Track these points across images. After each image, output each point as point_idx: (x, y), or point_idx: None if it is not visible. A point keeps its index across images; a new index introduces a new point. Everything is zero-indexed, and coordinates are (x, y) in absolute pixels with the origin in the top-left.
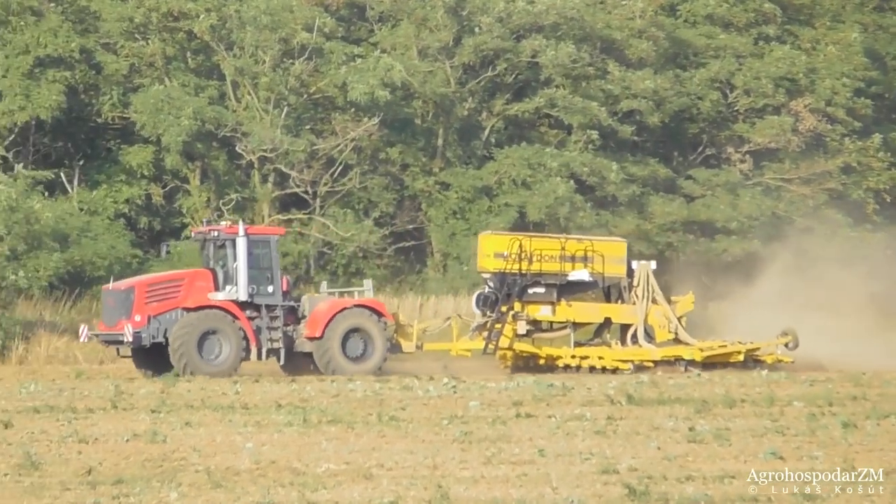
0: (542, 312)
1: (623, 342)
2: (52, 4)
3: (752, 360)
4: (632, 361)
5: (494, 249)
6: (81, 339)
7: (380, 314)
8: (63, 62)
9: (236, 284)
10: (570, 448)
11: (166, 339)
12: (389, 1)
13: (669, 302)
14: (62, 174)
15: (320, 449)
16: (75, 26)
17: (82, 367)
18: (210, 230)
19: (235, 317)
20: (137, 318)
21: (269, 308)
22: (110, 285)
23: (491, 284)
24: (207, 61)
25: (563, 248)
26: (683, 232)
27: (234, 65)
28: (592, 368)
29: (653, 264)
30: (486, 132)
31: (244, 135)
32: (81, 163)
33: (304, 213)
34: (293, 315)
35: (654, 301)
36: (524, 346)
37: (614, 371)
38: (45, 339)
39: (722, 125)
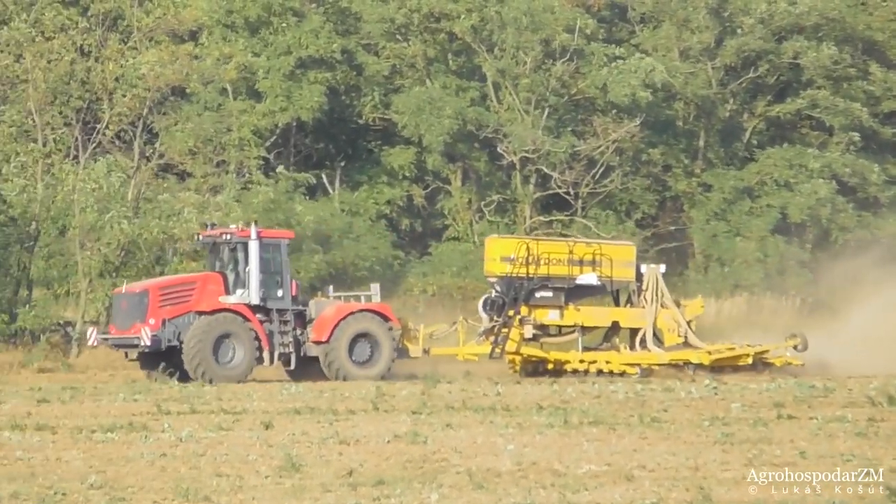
0: (550, 317)
1: (632, 346)
2: (314, 5)
3: (760, 363)
4: (639, 365)
5: (501, 253)
6: (90, 343)
7: (386, 318)
8: (324, 63)
9: (248, 288)
10: (831, 450)
11: (180, 343)
12: (651, 2)
13: (679, 306)
14: (323, 175)
15: (581, 450)
16: (336, 27)
17: None
18: (221, 233)
19: (248, 321)
20: (152, 321)
21: (280, 312)
22: (123, 288)
23: (498, 288)
24: (468, 62)
25: (570, 252)
26: None
27: (495, 66)
28: (600, 372)
29: (662, 268)
30: (748, 133)
31: (505, 136)
32: (343, 164)
33: (565, 215)
34: (301, 319)
35: (663, 305)
36: (532, 351)
37: (621, 375)
38: None
39: None
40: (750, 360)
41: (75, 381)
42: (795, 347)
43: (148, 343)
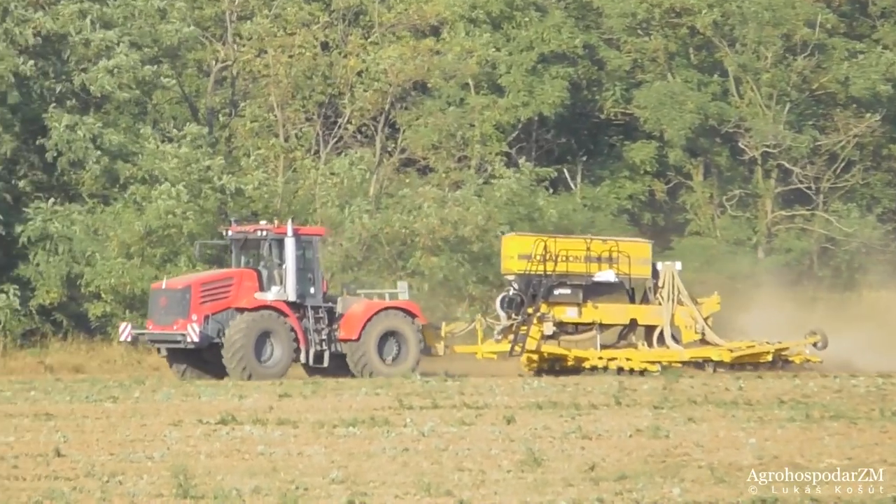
0: (568, 314)
1: (650, 343)
2: (556, 0)
3: (780, 361)
4: (660, 363)
5: (519, 251)
6: (122, 339)
7: (413, 316)
8: (566, 58)
9: (284, 285)
10: None
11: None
12: None
13: (696, 303)
14: (565, 170)
15: (822, 444)
16: (578, 22)
17: None
18: (255, 229)
19: (287, 318)
20: (195, 317)
21: (315, 309)
22: (163, 283)
23: (515, 286)
24: (710, 57)
25: (588, 249)
26: None
27: (736, 60)
28: (620, 370)
29: (678, 265)
30: None
31: (747, 130)
32: (584, 159)
33: (807, 209)
34: (332, 316)
35: (680, 302)
36: (551, 349)
37: (642, 373)
38: None
39: None
40: (770, 358)
41: (317, 375)
42: (815, 345)
43: (196, 339)
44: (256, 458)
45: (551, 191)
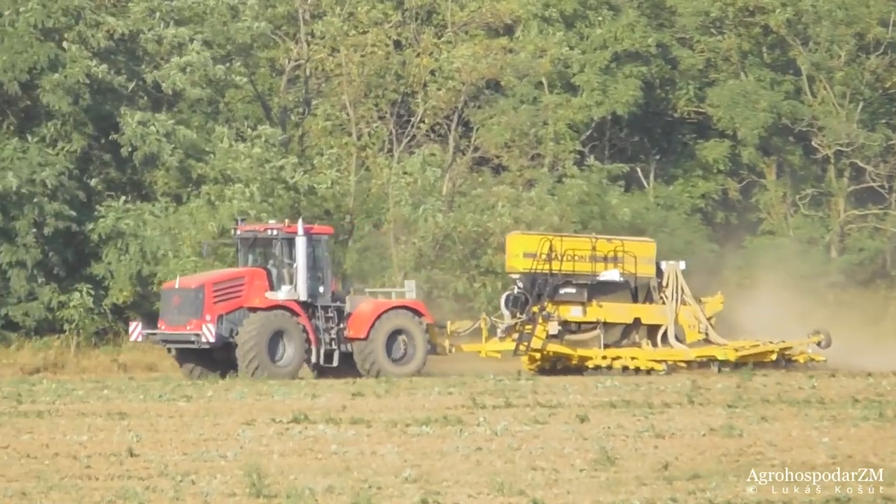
0: (573, 313)
1: (653, 343)
2: None
3: (784, 360)
4: (665, 362)
5: (524, 249)
6: (133, 339)
7: (420, 315)
8: (640, 57)
9: (295, 284)
10: None
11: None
12: None
13: (699, 302)
14: (638, 169)
15: None
16: (651, 21)
17: None
18: (265, 228)
19: (298, 317)
20: (209, 317)
21: (324, 309)
22: (175, 283)
23: (520, 285)
24: (783, 56)
25: (593, 248)
26: None
27: (809, 59)
28: (625, 369)
29: (682, 264)
30: None
31: (819, 129)
32: (657, 157)
33: (879, 209)
34: (340, 316)
35: (684, 301)
36: (556, 348)
37: (648, 372)
38: None
39: None
40: (774, 357)
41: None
42: (819, 344)
43: (212, 339)
44: (329, 458)
45: (624, 190)
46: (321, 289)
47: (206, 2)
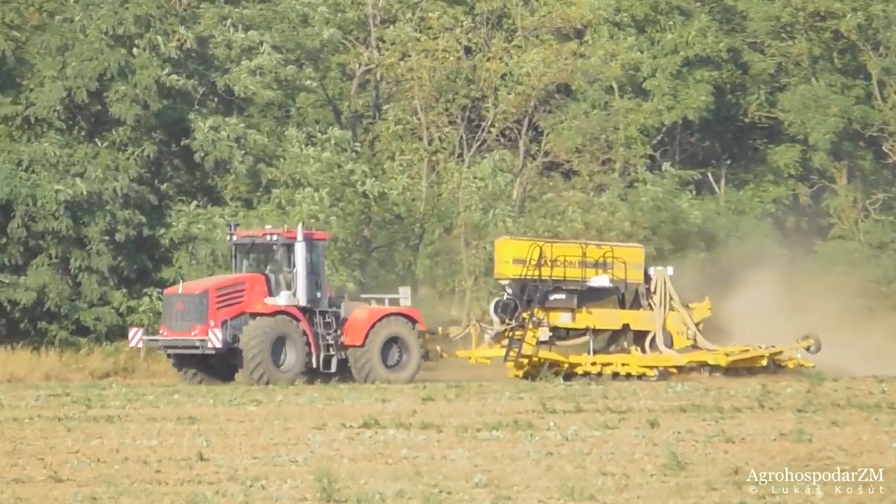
0: (563, 319)
1: (642, 349)
2: (699, 4)
3: (774, 365)
4: (657, 367)
5: (513, 255)
6: (132, 345)
7: (415, 322)
8: (711, 62)
9: (295, 290)
10: None
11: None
12: None
13: (687, 308)
14: (709, 174)
15: None
16: (722, 26)
17: None
18: (264, 234)
19: (299, 322)
20: (212, 322)
21: (322, 314)
22: (179, 288)
23: (510, 291)
24: (854, 61)
25: (583, 254)
26: None
27: (879, 64)
28: (616, 375)
29: (670, 270)
30: None
31: (890, 134)
32: (728, 162)
33: None
34: (337, 321)
35: (672, 307)
36: (548, 354)
37: (640, 378)
38: None
39: None
40: (765, 362)
41: (460, 378)
42: (808, 349)
43: (219, 345)
44: (400, 462)
45: (695, 195)
46: (318, 294)
47: (275, 8)
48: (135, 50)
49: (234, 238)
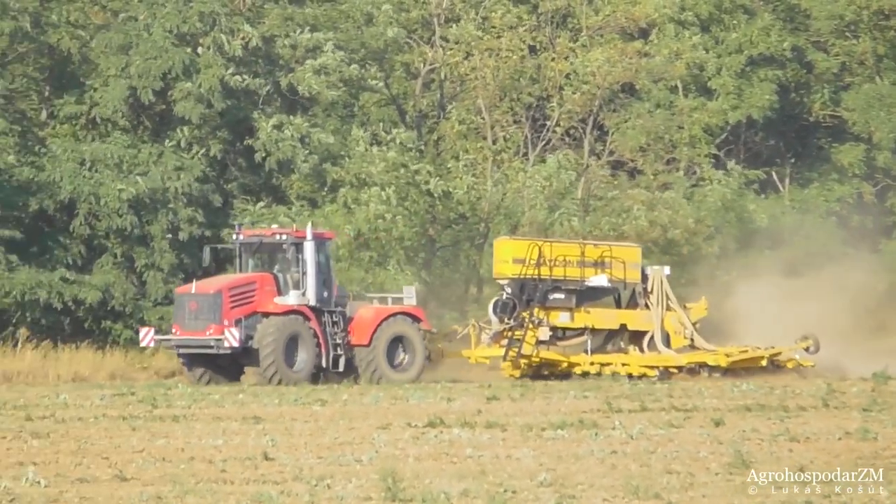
0: (561, 319)
1: (640, 349)
2: (762, 2)
3: (772, 365)
4: (657, 367)
5: (512, 255)
6: (143, 344)
7: (419, 321)
8: (775, 61)
9: (305, 289)
10: None
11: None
12: None
13: (684, 308)
14: (773, 173)
15: None
16: (786, 25)
17: None
18: (273, 233)
19: (310, 322)
20: (226, 322)
21: (330, 313)
22: (192, 288)
23: (508, 290)
24: None
25: (582, 254)
26: None
27: None
28: (615, 375)
29: (666, 269)
30: None
31: None
32: (793, 161)
33: None
34: (344, 321)
35: (669, 307)
36: (548, 354)
37: (641, 378)
38: None
39: None
40: (765, 363)
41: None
42: (807, 349)
43: (235, 344)
44: (465, 462)
45: (760, 194)
46: (326, 293)
47: (339, 7)
48: (199, 49)
49: (241, 237)
